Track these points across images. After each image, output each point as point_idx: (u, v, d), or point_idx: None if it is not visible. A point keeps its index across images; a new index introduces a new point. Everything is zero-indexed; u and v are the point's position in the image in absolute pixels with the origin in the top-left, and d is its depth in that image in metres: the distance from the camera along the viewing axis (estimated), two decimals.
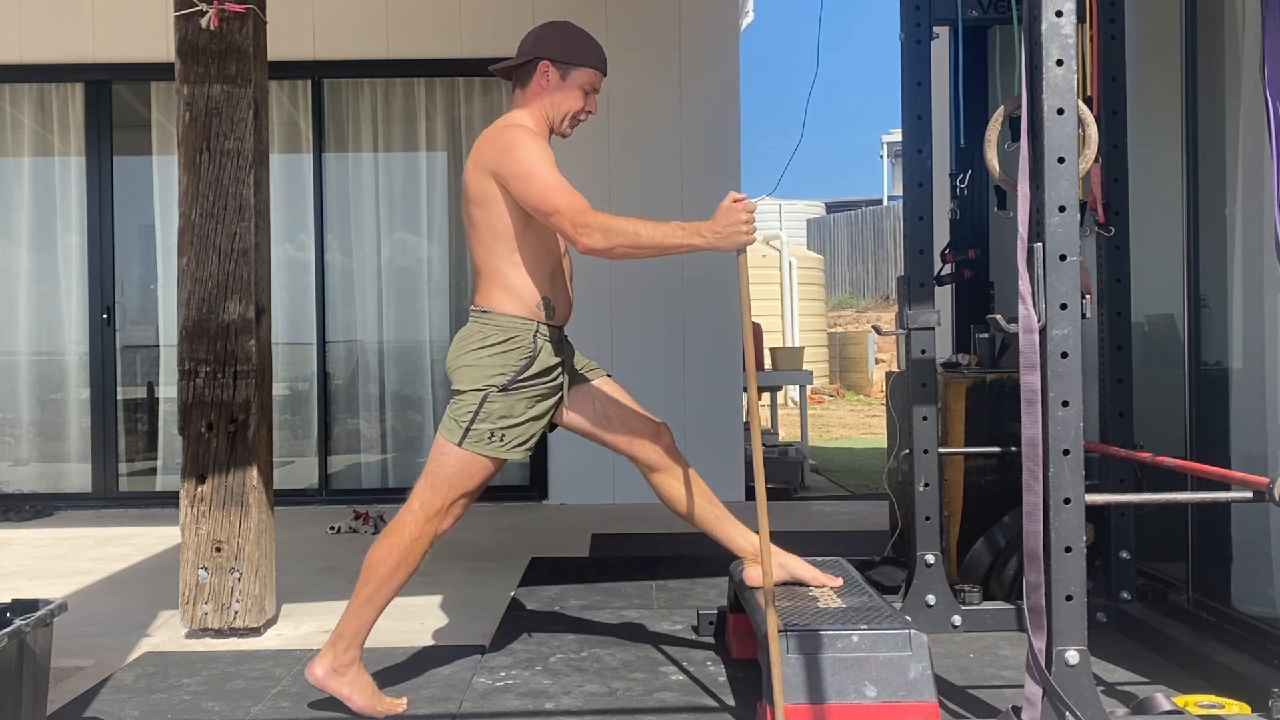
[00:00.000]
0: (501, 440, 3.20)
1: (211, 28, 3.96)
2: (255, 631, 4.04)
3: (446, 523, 3.23)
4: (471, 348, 3.23)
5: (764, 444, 3.51)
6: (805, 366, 9.35)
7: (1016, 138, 2.83)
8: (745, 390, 7.60)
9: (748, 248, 3.00)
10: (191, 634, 4.04)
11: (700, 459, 6.82)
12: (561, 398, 3.35)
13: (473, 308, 3.31)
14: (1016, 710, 2.69)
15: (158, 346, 7.30)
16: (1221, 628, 3.57)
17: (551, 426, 3.41)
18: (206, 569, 4.00)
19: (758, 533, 3.02)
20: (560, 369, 3.31)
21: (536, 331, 3.23)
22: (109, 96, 7.23)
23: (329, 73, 7.21)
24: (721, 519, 3.43)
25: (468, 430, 3.18)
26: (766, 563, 2.91)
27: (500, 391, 3.19)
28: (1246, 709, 2.98)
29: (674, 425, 3.54)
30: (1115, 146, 3.91)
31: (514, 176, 3.13)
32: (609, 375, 3.50)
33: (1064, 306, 2.62)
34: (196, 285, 4.04)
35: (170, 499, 5.02)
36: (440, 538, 3.24)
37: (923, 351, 3.98)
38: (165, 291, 7.19)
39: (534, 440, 3.28)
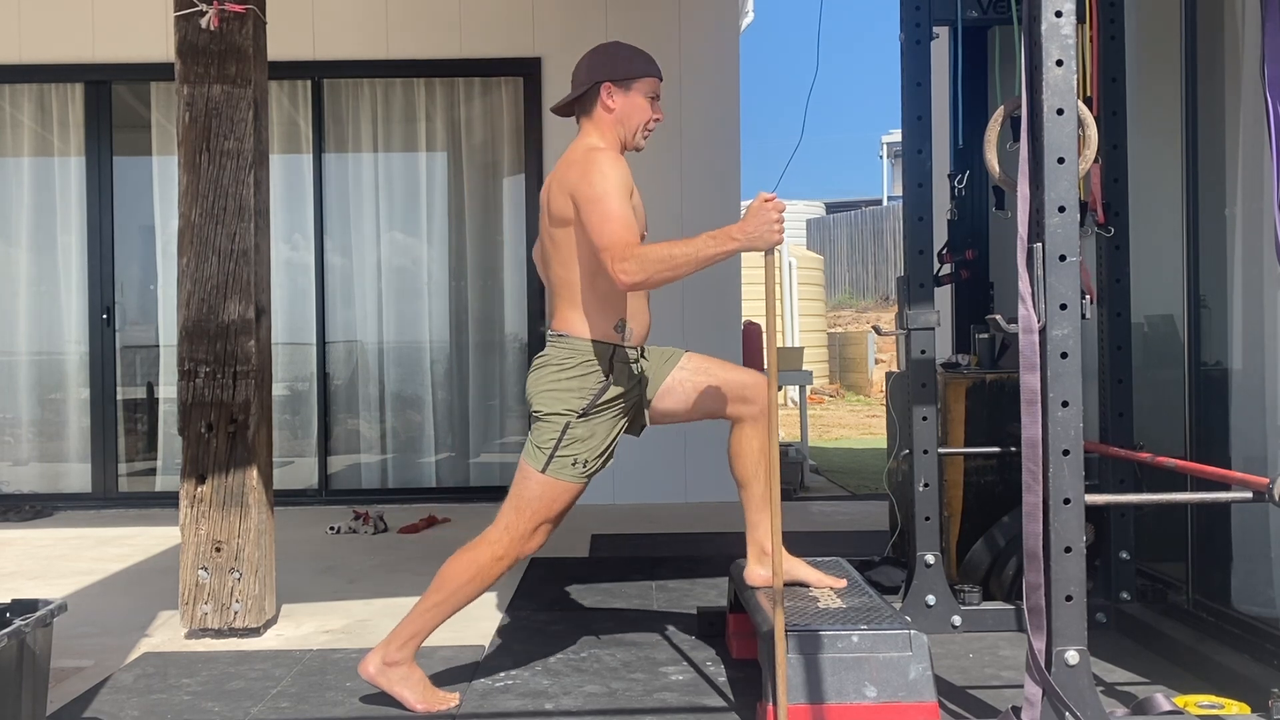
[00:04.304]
0: (585, 466, 3.22)
1: (211, 28, 3.96)
2: (255, 632, 4.05)
3: (531, 546, 3.24)
4: (550, 374, 3.24)
5: None
6: (805, 367, 9.35)
7: (1016, 138, 2.83)
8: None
9: (777, 247, 3.00)
10: (191, 634, 4.04)
11: (702, 458, 6.93)
12: (642, 408, 3.35)
13: (550, 332, 3.30)
14: (1016, 710, 2.69)
15: (158, 346, 7.30)
16: (1221, 628, 3.57)
17: (640, 428, 3.40)
18: (206, 569, 4.00)
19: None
20: (638, 386, 3.31)
21: (613, 355, 3.23)
22: (109, 96, 7.23)
23: (329, 73, 7.20)
24: (761, 502, 3.37)
25: (551, 457, 3.19)
26: (778, 562, 2.90)
27: (580, 418, 3.19)
28: (1246, 709, 2.98)
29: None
30: (1115, 146, 3.91)
31: (585, 200, 3.11)
32: (687, 353, 3.42)
33: (1064, 306, 2.62)
34: (196, 285, 4.04)
35: (170, 499, 5.02)
36: (524, 559, 3.25)
37: (923, 351, 3.98)
38: (165, 291, 7.19)
39: (611, 453, 3.29)
